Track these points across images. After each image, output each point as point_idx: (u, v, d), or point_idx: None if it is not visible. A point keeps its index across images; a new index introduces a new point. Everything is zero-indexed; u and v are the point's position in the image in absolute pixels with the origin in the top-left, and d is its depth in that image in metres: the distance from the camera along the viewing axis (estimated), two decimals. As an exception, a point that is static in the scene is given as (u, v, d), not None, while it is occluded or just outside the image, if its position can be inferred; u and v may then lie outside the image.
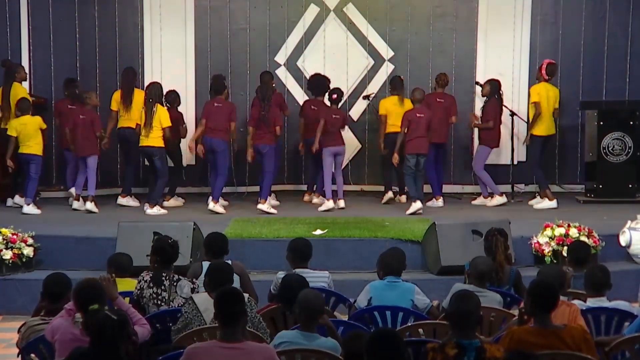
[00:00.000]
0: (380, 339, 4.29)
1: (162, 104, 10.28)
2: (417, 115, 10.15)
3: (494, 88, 10.74)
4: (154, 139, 10.08)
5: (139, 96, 10.47)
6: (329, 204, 10.33)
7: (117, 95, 10.70)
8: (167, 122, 10.09)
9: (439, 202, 10.80)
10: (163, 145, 10.15)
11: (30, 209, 10.06)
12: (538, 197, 10.84)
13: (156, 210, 10.06)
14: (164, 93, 10.46)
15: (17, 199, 10.53)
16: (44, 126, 10.22)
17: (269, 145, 10.18)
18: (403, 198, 11.09)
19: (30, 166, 10.14)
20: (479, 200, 10.97)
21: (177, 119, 10.55)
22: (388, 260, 6.28)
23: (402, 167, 10.41)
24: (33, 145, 10.09)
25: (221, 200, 10.34)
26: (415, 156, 10.14)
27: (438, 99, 10.85)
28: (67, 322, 4.84)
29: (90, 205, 10.18)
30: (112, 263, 6.56)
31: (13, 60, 10.97)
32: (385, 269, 6.25)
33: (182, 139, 10.80)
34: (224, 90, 10.37)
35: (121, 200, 10.68)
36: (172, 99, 10.66)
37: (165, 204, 10.55)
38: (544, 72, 10.65)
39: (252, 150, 10.22)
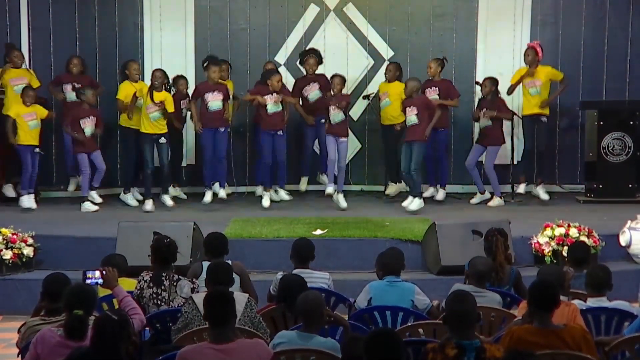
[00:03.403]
0: (378, 338, 4.28)
1: (169, 91, 10.38)
2: (411, 103, 10.15)
3: (496, 85, 10.76)
4: (159, 125, 10.22)
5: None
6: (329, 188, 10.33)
7: (125, 88, 10.69)
8: (170, 108, 10.23)
9: (440, 194, 10.87)
10: (166, 131, 10.28)
11: (29, 201, 10.09)
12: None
13: (150, 207, 10.15)
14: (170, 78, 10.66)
15: (10, 190, 10.59)
16: (45, 113, 10.28)
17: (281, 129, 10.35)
18: (392, 188, 11.11)
19: (33, 158, 10.15)
20: (477, 198, 10.94)
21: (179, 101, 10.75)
22: (386, 261, 6.29)
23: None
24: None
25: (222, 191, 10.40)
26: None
27: (433, 87, 10.85)
28: (49, 330, 4.85)
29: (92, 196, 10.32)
30: (107, 264, 6.54)
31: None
32: (384, 269, 6.25)
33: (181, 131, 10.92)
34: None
35: (124, 197, 10.80)
36: (176, 83, 10.83)
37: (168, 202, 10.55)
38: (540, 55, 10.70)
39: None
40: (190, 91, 10.83)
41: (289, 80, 11.76)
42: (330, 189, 10.29)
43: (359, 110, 11.87)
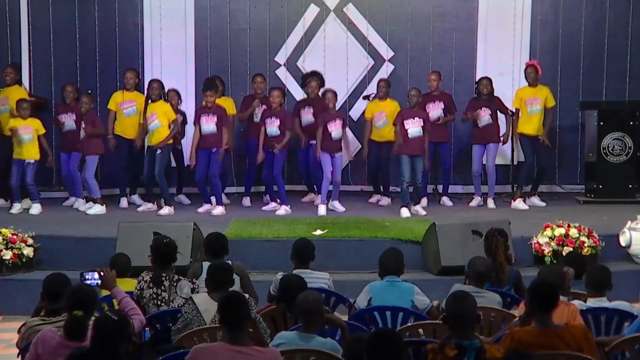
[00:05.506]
0: (380, 339, 4.29)
1: (165, 100, 10.34)
2: (410, 116, 10.14)
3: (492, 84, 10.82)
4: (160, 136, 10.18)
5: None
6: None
7: (117, 96, 10.69)
8: (172, 115, 10.19)
9: (444, 201, 10.93)
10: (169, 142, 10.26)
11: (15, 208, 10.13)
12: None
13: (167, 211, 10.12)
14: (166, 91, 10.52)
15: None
16: (43, 131, 10.19)
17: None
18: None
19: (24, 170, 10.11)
20: (476, 201, 10.90)
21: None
22: (386, 261, 6.29)
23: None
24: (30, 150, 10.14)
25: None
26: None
27: (436, 101, 10.86)
28: (49, 331, 4.86)
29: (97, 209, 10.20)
30: (114, 264, 6.57)
31: (14, 60, 10.98)
32: (384, 269, 6.25)
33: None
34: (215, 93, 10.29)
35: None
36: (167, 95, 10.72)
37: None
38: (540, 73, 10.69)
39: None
40: (182, 106, 10.85)
41: (289, 81, 11.79)
42: (322, 210, 10.06)
43: (359, 110, 11.86)
